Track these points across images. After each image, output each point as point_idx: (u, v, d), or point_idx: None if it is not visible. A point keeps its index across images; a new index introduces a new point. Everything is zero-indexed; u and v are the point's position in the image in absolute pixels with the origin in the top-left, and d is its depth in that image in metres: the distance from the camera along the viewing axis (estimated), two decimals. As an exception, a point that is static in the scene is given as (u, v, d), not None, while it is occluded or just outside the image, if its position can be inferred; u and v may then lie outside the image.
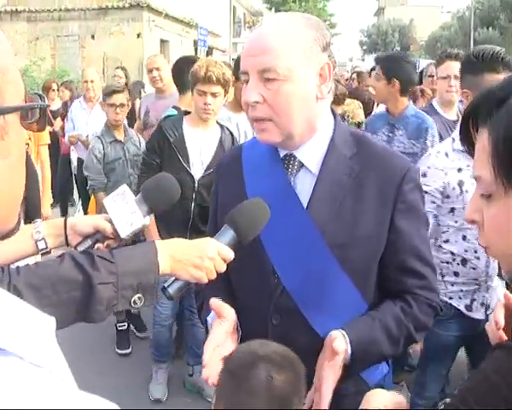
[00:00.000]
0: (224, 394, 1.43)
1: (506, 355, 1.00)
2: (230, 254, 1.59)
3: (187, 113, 4.17)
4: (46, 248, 1.69)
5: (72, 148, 7.62)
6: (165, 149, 3.91)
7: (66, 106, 8.68)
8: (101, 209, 4.80)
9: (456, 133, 2.85)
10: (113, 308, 1.46)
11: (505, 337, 1.32)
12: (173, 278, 1.57)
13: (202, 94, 3.77)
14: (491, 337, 1.36)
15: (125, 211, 1.62)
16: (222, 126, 4.07)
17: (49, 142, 6.33)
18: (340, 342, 1.64)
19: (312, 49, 1.68)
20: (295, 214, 1.77)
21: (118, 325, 5.17)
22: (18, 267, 1.42)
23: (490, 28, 36.11)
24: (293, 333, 1.76)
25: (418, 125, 4.03)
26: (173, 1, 27.71)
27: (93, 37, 23.45)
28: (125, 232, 1.61)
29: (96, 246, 1.68)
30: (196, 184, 3.86)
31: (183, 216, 3.88)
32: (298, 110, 1.68)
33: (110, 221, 1.63)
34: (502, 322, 1.32)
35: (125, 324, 5.19)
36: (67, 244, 1.71)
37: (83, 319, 1.44)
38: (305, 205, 1.76)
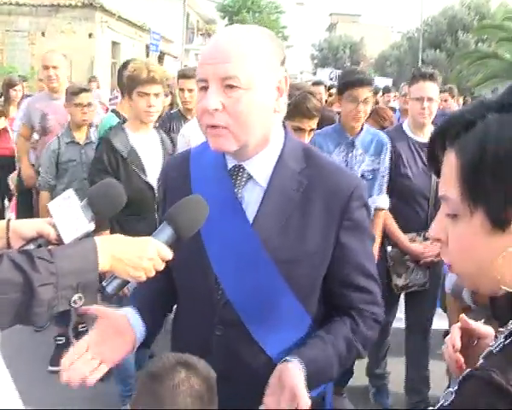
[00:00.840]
0: (145, 393, 1.54)
1: (479, 387, 0.97)
2: (169, 255, 1.57)
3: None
4: None
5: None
6: (118, 166, 3.71)
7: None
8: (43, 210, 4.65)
9: None
10: (54, 309, 1.41)
11: (462, 360, 1.34)
12: (112, 277, 1.56)
13: (144, 95, 3.67)
14: (447, 361, 1.38)
15: (69, 216, 1.59)
16: (155, 127, 4.02)
17: None
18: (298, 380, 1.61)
19: (272, 61, 1.69)
20: (240, 227, 1.76)
21: (57, 338, 4.90)
22: None
23: (437, 50, 37.06)
24: (236, 345, 1.76)
25: (376, 142, 3.86)
26: (127, 3, 27.49)
27: (43, 34, 22.98)
28: (68, 238, 1.57)
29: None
30: (156, 194, 3.67)
31: (149, 230, 3.58)
32: (256, 121, 1.67)
33: (54, 226, 1.59)
34: (458, 345, 1.34)
35: (63, 339, 4.89)
36: (9, 248, 1.64)
37: (23, 321, 1.40)
38: (251, 218, 1.76)
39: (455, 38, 37.21)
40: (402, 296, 4.16)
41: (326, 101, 8.19)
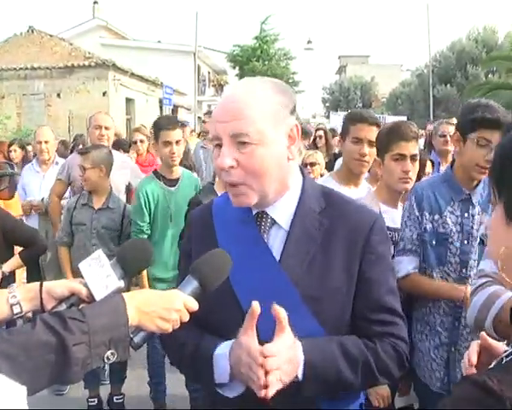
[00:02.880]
0: None
1: (471, 389, 1.01)
2: (195, 306, 1.63)
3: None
4: (21, 312, 1.68)
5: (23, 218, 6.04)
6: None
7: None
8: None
9: None
10: (88, 367, 1.46)
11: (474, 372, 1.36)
12: (138, 329, 1.59)
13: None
14: (464, 373, 1.42)
15: (100, 275, 1.65)
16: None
17: (22, 213, 5.69)
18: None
19: (281, 113, 1.75)
20: (269, 269, 1.80)
21: (89, 400, 4.93)
22: None
23: (448, 85, 37.19)
24: None
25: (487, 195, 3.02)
26: (138, 60, 28.03)
27: (59, 95, 23.45)
28: (100, 295, 1.62)
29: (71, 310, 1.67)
30: None
31: None
32: (271, 171, 1.74)
33: (85, 285, 1.65)
34: (474, 360, 1.37)
35: (95, 400, 4.92)
36: (42, 308, 1.71)
37: (57, 381, 1.45)
38: (277, 259, 1.80)
39: (464, 72, 37.35)
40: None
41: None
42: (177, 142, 4.55)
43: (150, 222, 4.61)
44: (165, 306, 1.59)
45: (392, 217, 3.25)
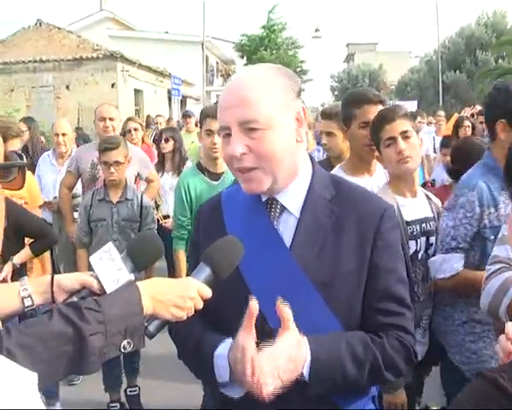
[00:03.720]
0: None
1: (483, 384, 1.03)
2: (209, 293, 1.64)
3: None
4: (32, 305, 1.70)
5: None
6: None
7: (26, 150, 7.05)
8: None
9: None
10: (105, 356, 1.47)
11: None
12: (153, 317, 1.60)
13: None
14: (501, 347, 1.41)
15: (111, 268, 1.66)
16: None
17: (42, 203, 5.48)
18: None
19: (288, 96, 1.76)
20: (280, 256, 1.80)
21: (110, 405, 4.89)
22: (7, 328, 1.41)
23: (457, 71, 36.96)
24: None
25: None
26: (146, 51, 28.02)
27: (68, 87, 23.50)
28: (111, 288, 1.63)
29: None
30: None
31: None
32: (282, 155, 1.74)
33: (96, 278, 1.66)
34: (510, 346, 1.36)
35: (117, 404, 4.90)
36: (53, 301, 1.72)
37: (75, 371, 1.46)
38: (288, 247, 1.80)
39: (474, 58, 37.09)
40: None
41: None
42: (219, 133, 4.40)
43: (191, 217, 4.33)
44: (179, 294, 1.59)
45: (411, 208, 3.07)
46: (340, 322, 1.78)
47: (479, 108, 11.88)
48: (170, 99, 26.71)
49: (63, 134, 6.38)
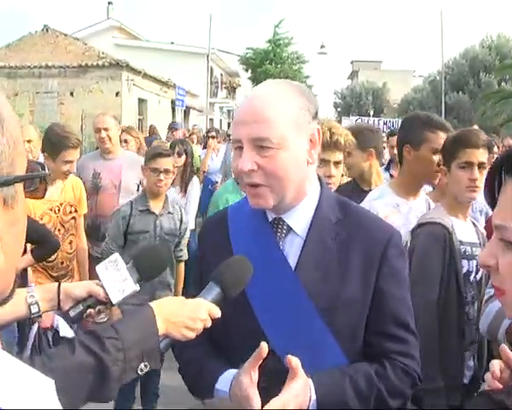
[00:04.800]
0: None
1: (486, 403, 1.03)
2: (218, 313, 1.64)
3: None
4: (38, 311, 1.72)
5: None
6: None
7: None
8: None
9: None
10: (123, 381, 1.48)
11: (500, 387, 1.35)
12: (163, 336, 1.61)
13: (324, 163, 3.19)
14: (487, 386, 1.40)
15: (116, 278, 1.68)
16: None
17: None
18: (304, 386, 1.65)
19: (304, 117, 1.75)
20: (284, 277, 1.79)
21: None
22: (32, 359, 1.42)
23: (460, 92, 37.09)
24: None
25: None
26: (151, 61, 28.09)
27: (72, 94, 23.53)
28: (116, 298, 1.66)
29: (88, 311, 1.72)
30: None
31: None
32: (292, 176, 1.73)
33: (102, 287, 1.68)
34: (497, 373, 1.37)
35: None
36: (59, 308, 1.75)
37: (95, 399, 1.47)
38: (292, 268, 1.79)
39: (477, 80, 37.24)
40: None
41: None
42: None
43: None
44: (190, 315, 1.61)
45: (463, 230, 3.06)
46: (341, 348, 1.78)
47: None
48: (173, 109, 26.73)
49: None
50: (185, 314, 1.61)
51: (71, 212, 4.61)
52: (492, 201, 1.18)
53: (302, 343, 1.75)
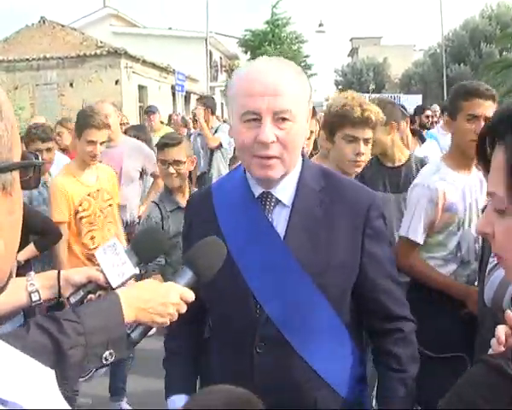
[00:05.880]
0: None
1: (485, 369, 1.03)
2: (192, 297, 1.62)
3: None
4: (39, 299, 1.71)
5: None
6: None
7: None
8: None
9: None
10: (85, 368, 1.44)
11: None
12: (135, 324, 1.59)
13: (353, 140, 3.08)
14: (492, 345, 1.41)
15: (116, 262, 1.67)
16: None
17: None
18: None
19: (308, 95, 1.84)
20: (274, 246, 1.84)
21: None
22: None
23: (461, 64, 36.87)
24: (278, 361, 1.80)
25: None
26: (150, 47, 28.01)
27: (71, 84, 23.53)
28: (116, 282, 1.65)
29: (89, 297, 1.71)
30: None
31: None
32: (299, 149, 1.84)
33: (102, 272, 1.68)
34: (502, 338, 1.37)
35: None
36: (60, 296, 1.73)
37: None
38: (281, 237, 1.85)
39: (478, 50, 37.01)
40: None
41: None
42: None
43: None
44: (161, 300, 1.58)
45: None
46: (333, 309, 1.84)
47: None
48: (174, 95, 26.68)
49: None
50: (156, 300, 1.57)
51: (108, 199, 4.63)
52: (485, 167, 1.17)
53: (297, 309, 1.82)
